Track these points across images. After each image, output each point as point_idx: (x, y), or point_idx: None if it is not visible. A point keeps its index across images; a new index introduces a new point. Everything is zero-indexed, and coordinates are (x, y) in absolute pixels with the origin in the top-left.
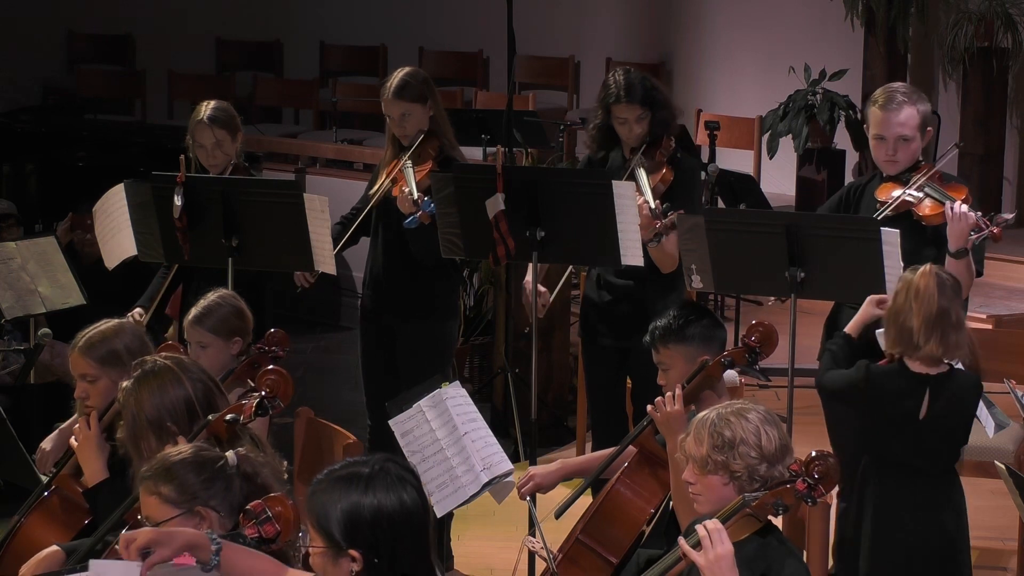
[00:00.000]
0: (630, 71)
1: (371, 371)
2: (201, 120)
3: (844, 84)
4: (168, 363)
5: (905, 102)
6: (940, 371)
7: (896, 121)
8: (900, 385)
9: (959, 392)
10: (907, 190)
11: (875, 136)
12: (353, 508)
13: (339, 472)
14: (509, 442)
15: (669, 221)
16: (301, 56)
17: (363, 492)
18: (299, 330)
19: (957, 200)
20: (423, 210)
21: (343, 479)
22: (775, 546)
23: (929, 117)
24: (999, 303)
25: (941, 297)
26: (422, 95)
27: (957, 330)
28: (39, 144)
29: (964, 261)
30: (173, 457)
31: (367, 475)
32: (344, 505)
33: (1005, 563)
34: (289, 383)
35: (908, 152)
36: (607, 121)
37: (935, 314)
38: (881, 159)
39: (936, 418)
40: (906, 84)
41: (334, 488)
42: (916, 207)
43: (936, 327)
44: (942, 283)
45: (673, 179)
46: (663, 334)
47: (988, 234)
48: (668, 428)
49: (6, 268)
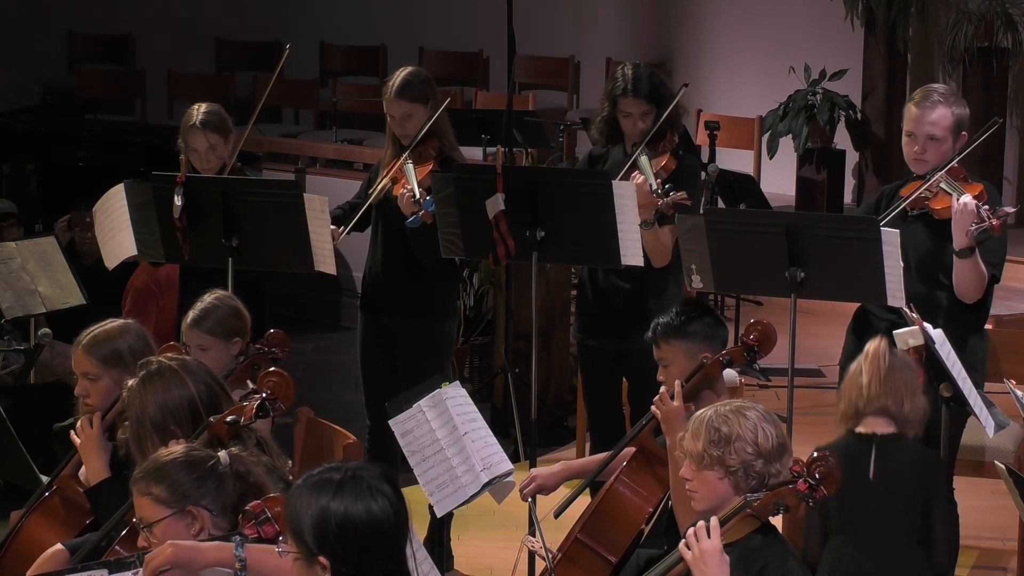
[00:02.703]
0: (639, 66)
1: (370, 371)
2: (194, 125)
3: (844, 84)
4: (173, 364)
5: (940, 102)
6: (888, 431)
7: (928, 120)
8: (848, 445)
9: (912, 457)
10: (924, 185)
11: (907, 132)
12: (321, 514)
13: (314, 478)
14: (509, 442)
15: (672, 200)
16: (301, 56)
17: (331, 498)
18: (299, 330)
19: (967, 194)
20: (425, 209)
21: (315, 485)
22: (774, 545)
23: (965, 121)
24: (999, 303)
25: (892, 358)
26: (424, 95)
27: (908, 394)
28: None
29: (971, 261)
30: (164, 457)
31: (338, 482)
32: (313, 511)
33: (1005, 563)
34: (291, 385)
35: (937, 152)
36: (612, 114)
37: (885, 371)
38: (910, 156)
39: (884, 480)
40: (946, 86)
41: (307, 493)
42: (930, 201)
43: (885, 382)
44: (894, 352)
45: (675, 169)
46: (665, 330)
47: (988, 226)
48: (668, 425)
49: (6, 268)
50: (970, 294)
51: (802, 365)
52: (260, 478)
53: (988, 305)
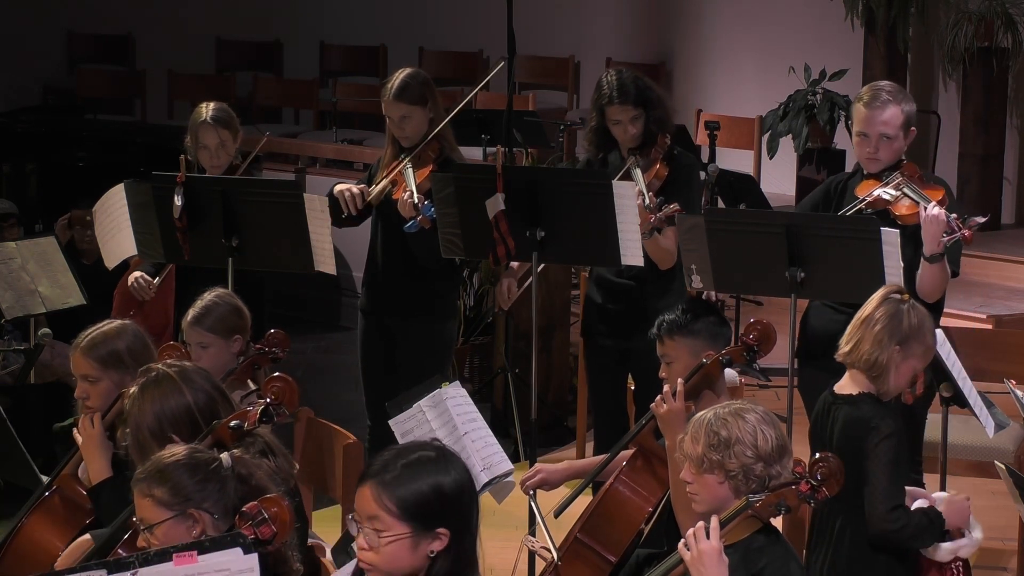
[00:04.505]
0: (622, 71)
1: (370, 371)
2: (205, 121)
3: (844, 84)
4: (170, 372)
5: (890, 101)
6: (850, 392)
7: (879, 119)
8: (824, 402)
9: (854, 418)
10: (884, 188)
11: (858, 133)
12: (435, 488)
13: (413, 458)
14: (509, 442)
15: (664, 215)
16: (301, 56)
17: (438, 473)
18: (299, 330)
19: (932, 201)
20: (423, 214)
21: (415, 464)
22: (775, 546)
23: (913, 117)
24: (999, 303)
25: (876, 309)
26: (423, 97)
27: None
28: (39, 144)
29: (939, 265)
30: (167, 459)
31: (435, 458)
32: (425, 487)
33: (1005, 563)
34: (295, 391)
35: (890, 151)
36: (602, 123)
37: (862, 318)
38: (863, 156)
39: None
40: (892, 83)
41: (410, 473)
42: (893, 206)
43: (857, 328)
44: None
45: (668, 175)
46: (670, 327)
47: (960, 236)
48: (668, 425)
49: (6, 268)
50: (934, 294)
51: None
52: (262, 481)
53: (944, 302)
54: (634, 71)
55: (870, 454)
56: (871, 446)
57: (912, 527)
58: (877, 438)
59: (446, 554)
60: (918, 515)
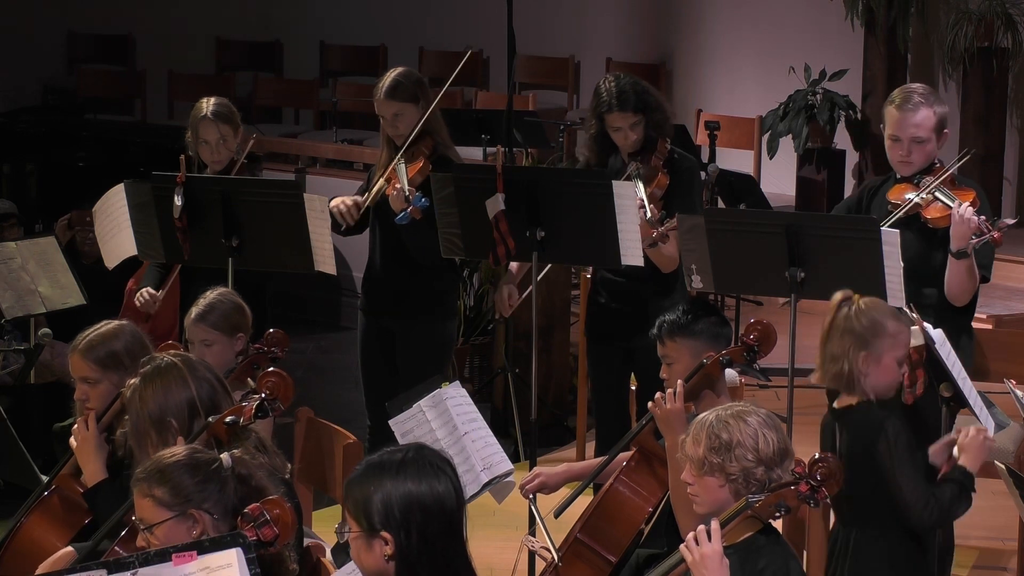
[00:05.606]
0: (620, 77)
1: (371, 371)
2: (206, 116)
3: (844, 84)
4: (176, 361)
5: (922, 103)
6: (848, 404)
7: (912, 122)
8: (826, 422)
9: (859, 428)
10: (919, 194)
11: (890, 136)
12: (385, 492)
13: (375, 459)
14: (509, 442)
15: (665, 229)
16: (301, 56)
17: (395, 477)
18: (299, 330)
19: (964, 202)
20: (414, 205)
21: (378, 465)
22: (775, 546)
23: (946, 119)
24: (999, 303)
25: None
26: (414, 95)
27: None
28: (39, 144)
29: (966, 263)
30: (167, 459)
31: (399, 461)
32: (377, 489)
33: (1005, 563)
34: (290, 385)
35: (923, 154)
36: (602, 129)
37: (821, 338)
38: (895, 160)
39: (845, 457)
40: (924, 86)
41: (370, 474)
42: (924, 210)
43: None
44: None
45: (670, 182)
46: (671, 327)
47: (989, 238)
48: (668, 426)
49: (6, 268)
50: (962, 296)
51: (802, 365)
52: (262, 481)
53: (975, 305)
54: (632, 75)
55: (885, 459)
56: (884, 451)
57: (947, 504)
58: (887, 441)
59: (394, 560)
60: (947, 490)
